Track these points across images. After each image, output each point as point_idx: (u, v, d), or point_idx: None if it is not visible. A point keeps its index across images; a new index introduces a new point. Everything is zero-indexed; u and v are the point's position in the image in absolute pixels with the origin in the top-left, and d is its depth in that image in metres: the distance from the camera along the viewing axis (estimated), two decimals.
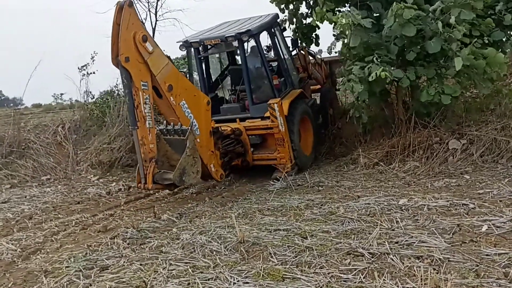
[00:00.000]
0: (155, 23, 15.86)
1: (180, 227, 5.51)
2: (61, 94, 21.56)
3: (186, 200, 7.20)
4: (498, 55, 6.28)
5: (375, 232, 4.43)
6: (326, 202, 5.92)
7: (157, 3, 16.46)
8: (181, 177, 6.12)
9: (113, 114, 11.21)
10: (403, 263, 3.64)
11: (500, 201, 5.12)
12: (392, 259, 3.74)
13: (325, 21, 8.40)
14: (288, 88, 8.90)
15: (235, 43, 8.42)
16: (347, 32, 6.88)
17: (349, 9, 6.99)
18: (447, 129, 7.41)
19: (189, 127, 6.34)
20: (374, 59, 6.43)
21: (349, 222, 4.91)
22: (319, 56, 10.20)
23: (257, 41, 8.46)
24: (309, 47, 10.18)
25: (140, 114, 6.04)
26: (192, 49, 8.83)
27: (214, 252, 4.41)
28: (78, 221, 6.37)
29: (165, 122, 6.83)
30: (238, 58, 9.93)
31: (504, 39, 7.12)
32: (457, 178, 6.42)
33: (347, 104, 10.27)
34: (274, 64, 9.52)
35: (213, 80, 9.57)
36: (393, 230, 4.52)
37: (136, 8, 6.26)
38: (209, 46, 8.80)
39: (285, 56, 9.17)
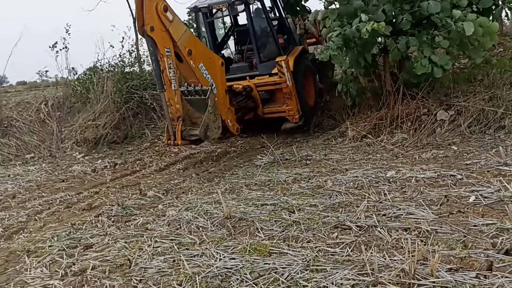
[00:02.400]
0: None
1: (166, 204, 5.43)
2: (46, 71, 21.10)
3: (172, 176, 7.11)
4: (493, 24, 6.17)
5: (362, 205, 4.38)
6: (314, 175, 5.86)
7: None
8: (205, 132, 6.79)
9: (97, 90, 10.96)
10: (390, 235, 3.60)
11: (488, 171, 5.09)
12: (380, 232, 3.69)
13: None
14: (291, 45, 9.52)
15: (241, 7, 8.93)
16: None
17: None
18: (435, 100, 7.34)
19: (209, 87, 7.03)
20: (363, 17, 6.20)
21: (336, 196, 4.86)
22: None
23: (262, 3, 9.05)
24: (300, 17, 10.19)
25: (166, 78, 6.59)
26: (201, 14, 9.39)
27: (201, 229, 4.34)
28: (63, 200, 6.26)
29: (185, 84, 7.30)
30: (240, 19, 10.47)
31: (492, 7, 6.98)
32: (444, 149, 6.39)
33: (335, 78, 10.19)
34: (275, 23, 9.92)
35: (219, 41, 10.08)
36: (380, 202, 4.48)
37: None
38: (214, 10, 9.36)
39: (287, 15, 9.69)
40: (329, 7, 6.84)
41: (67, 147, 10.14)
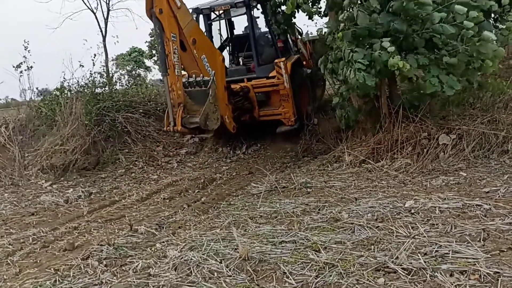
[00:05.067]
0: (108, 13, 14.68)
1: (163, 242, 4.76)
2: None
3: (159, 207, 6.44)
4: (499, 49, 5.97)
5: (396, 242, 3.93)
6: (323, 206, 5.37)
7: None
8: (205, 121, 6.85)
9: (65, 112, 10.10)
10: (450, 281, 3.14)
11: None
12: (435, 276, 3.22)
13: (301, 11, 7.99)
14: (287, 53, 9.66)
15: (243, 9, 9.18)
16: (349, 9, 6.33)
17: None
18: (434, 123, 7.07)
19: (211, 77, 7.07)
20: (388, 47, 5.84)
21: (360, 230, 4.37)
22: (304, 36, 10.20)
23: (263, 7, 9.24)
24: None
25: (170, 63, 6.75)
26: (201, 16, 9.53)
27: (216, 274, 3.73)
28: (36, 237, 5.49)
29: (186, 75, 7.36)
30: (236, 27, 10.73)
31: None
32: (453, 176, 6.06)
33: (324, 100, 9.90)
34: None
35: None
36: (413, 238, 4.03)
37: None
38: (212, 15, 9.69)
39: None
40: (340, 27, 6.42)
41: (32, 174, 9.20)
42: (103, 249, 4.57)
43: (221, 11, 9.48)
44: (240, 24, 10.31)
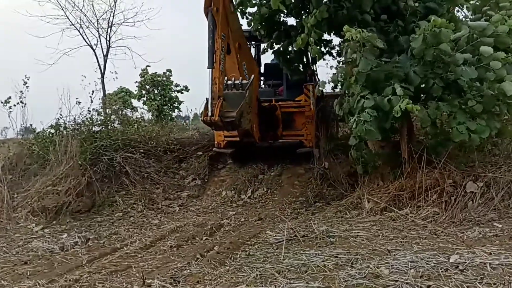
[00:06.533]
0: (107, 50, 14.39)
1: None
2: None
3: (168, 257, 5.82)
4: None
5: None
6: (355, 259, 4.87)
7: (109, 29, 15.06)
8: (240, 117, 7.26)
9: (59, 150, 9.52)
10: None
11: None
12: None
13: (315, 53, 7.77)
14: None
15: None
16: (354, 55, 6.13)
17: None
18: (459, 170, 6.73)
19: (250, 80, 7.65)
20: (397, 90, 5.61)
21: None
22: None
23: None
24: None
25: (217, 58, 7.22)
26: None
27: None
28: None
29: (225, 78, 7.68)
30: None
31: None
32: (489, 227, 5.67)
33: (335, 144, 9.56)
34: None
35: None
36: None
37: None
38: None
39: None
40: (354, 70, 6.16)
41: (21, 217, 8.47)
42: None
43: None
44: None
